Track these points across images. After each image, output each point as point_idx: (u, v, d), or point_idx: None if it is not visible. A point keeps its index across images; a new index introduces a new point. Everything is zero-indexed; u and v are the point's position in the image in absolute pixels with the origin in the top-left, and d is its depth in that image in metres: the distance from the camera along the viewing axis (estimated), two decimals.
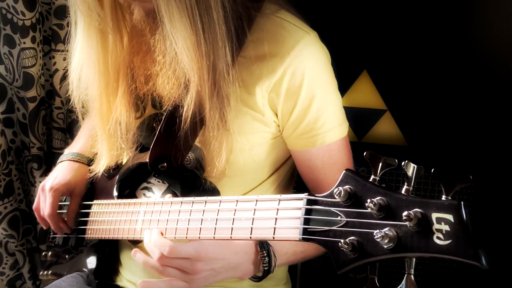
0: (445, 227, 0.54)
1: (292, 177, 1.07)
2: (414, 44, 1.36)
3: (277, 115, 0.92)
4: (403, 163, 0.61)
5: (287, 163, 1.02)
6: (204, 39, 0.82)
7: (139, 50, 0.93)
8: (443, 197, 0.56)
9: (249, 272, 0.88)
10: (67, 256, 1.15)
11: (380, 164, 0.63)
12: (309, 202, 0.66)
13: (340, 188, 0.62)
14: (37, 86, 1.45)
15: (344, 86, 1.43)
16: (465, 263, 0.53)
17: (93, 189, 1.13)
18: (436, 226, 0.55)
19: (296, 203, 0.68)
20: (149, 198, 1.01)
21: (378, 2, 1.37)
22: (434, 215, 0.55)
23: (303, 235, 0.66)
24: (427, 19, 1.35)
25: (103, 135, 0.98)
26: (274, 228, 0.69)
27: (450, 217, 0.54)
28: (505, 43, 1.32)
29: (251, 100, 0.89)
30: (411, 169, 0.60)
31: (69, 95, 0.99)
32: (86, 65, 0.93)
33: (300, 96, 0.89)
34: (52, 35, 1.46)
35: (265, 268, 0.87)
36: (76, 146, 1.17)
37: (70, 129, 1.57)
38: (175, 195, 0.98)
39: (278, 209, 0.70)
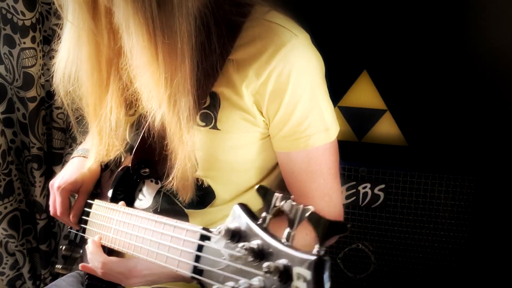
0: (303, 285, 0.49)
1: None
2: (414, 44, 1.36)
3: (263, 115, 0.92)
4: (281, 203, 0.54)
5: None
6: (163, 55, 0.80)
7: (122, 51, 0.94)
8: (315, 249, 0.50)
9: (188, 280, 0.93)
10: (81, 251, 1.15)
11: (273, 200, 0.56)
12: (202, 237, 0.63)
13: (223, 226, 0.57)
14: (37, 86, 1.45)
15: (344, 86, 1.42)
16: None
17: (100, 188, 1.14)
18: (295, 282, 0.49)
19: (191, 236, 0.65)
20: (141, 201, 1.02)
21: (378, 2, 1.37)
22: (296, 270, 0.50)
23: (193, 273, 0.63)
24: (427, 19, 1.34)
25: (94, 131, 0.99)
26: (179, 261, 0.67)
27: (308, 274, 0.49)
28: (504, 43, 1.32)
29: (240, 101, 0.89)
30: (288, 208, 0.53)
31: (53, 90, 0.99)
32: (71, 61, 0.93)
33: (284, 99, 0.88)
34: (52, 35, 1.46)
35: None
36: (88, 142, 1.18)
37: (70, 129, 1.57)
38: (168, 198, 0.98)
39: (184, 240, 0.67)
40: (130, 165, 0.97)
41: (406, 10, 1.36)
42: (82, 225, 1.09)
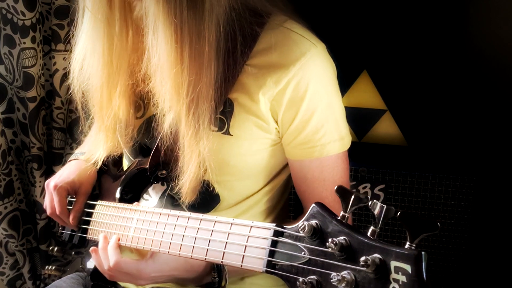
0: (402, 278, 0.51)
1: (287, 185, 1.06)
2: (414, 44, 1.36)
3: (277, 123, 0.92)
4: (370, 203, 0.57)
5: (284, 170, 1.02)
6: (188, 58, 0.80)
7: (137, 48, 0.93)
8: (407, 244, 0.54)
9: (199, 283, 0.94)
10: (73, 253, 1.15)
11: (351, 200, 0.60)
12: (276, 233, 0.65)
13: (306, 223, 0.60)
14: (37, 86, 1.45)
15: (344, 86, 1.42)
16: None
17: (99, 190, 1.13)
18: (393, 275, 0.52)
19: (264, 233, 0.66)
20: (147, 201, 1.01)
21: (378, 2, 1.37)
22: (393, 264, 0.52)
23: (266, 267, 0.64)
24: (427, 19, 1.35)
25: (101, 126, 0.98)
26: (243, 256, 0.67)
27: (407, 267, 0.51)
28: (505, 43, 1.32)
29: (255, 107, 0.89)
30: (377, 209, 0.56)
31: (69, 84, 0.99)
32: (90, 54, 0.92)
33: (301, 107, 0.88)
34: (52, 35, 1.46)
35: (214, 286, 0.92)
36: (87, 145, 1.17)
37: (70, 129, 1.57)
38: (172, 199, 0.98)
39: (248, 236, 0.68)
40: (147, 166, 0.97)
41: (406, 10, 1.36)
42: (82, 226, 1.09)
